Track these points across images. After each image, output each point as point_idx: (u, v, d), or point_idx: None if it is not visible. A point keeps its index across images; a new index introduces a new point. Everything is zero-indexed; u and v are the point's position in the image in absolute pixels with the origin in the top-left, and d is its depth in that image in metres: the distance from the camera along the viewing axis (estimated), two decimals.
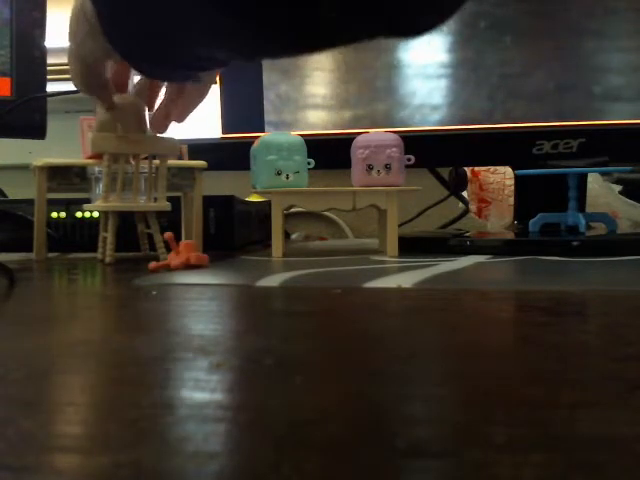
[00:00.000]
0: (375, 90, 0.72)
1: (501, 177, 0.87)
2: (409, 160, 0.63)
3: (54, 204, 0.74)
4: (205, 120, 0.76)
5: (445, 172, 0.91)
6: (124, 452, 0.14)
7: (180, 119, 0.55)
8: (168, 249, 0.54)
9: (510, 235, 0.72)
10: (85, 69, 0.48)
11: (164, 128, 0.56)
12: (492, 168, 0.88)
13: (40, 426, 0.15)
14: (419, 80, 0.70)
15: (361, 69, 0.72)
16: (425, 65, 0.70)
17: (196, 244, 0.52)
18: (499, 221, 0.87)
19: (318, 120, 0.73)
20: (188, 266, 0.51)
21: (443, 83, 0.70)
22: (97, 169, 0.62)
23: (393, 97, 0.71)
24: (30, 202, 0.69)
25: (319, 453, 0.13)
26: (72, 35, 0.46)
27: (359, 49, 0.71)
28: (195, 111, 0.55)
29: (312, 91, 0.73)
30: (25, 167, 0.70)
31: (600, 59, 0.67)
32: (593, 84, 0.67)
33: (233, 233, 0.76)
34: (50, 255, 0.68)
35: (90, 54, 0.46)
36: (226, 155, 0.76)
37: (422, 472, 0.13)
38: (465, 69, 0.70)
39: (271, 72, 0.73)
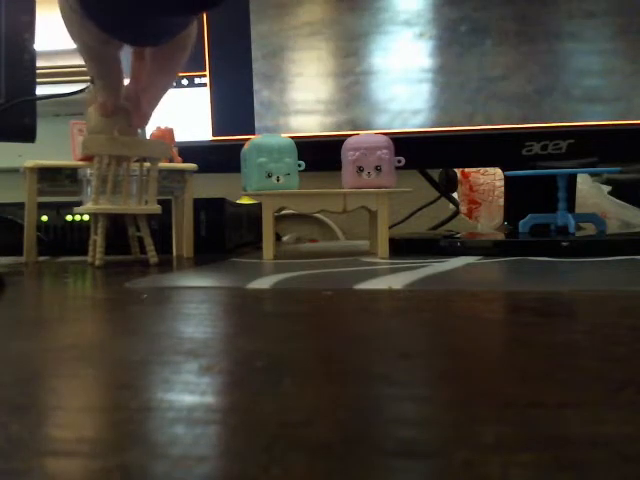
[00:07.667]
0: (367, 93, 0.72)
1: (491, 178, 0.88)
2: (399, 162, 0.63)
3: (45, 207, 0.73)
4: (196, 123, 0.76)
5: (435, 173, 0.91)
6: (113, 456, 0.14)
7: (150, 105, 0.56)
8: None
9: (500, 236, 0.72)
10: (91, 54, 0.50)
11: (144, 121, 0.57)
12: (482, 169, 0.88)
13: (29, 430, 0.15)
14: (416, 84, 0.71)
15: (352, 73, 0.72)
16: (428, 69, 0.70)
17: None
18: (489, 222, 0.88)
19: (308, 122, 0.73)
20: None
21: (438, 87, 0.70)
22: (88, 171, 0.61)
23: (384, 100, 0.71)
24: (19, 205, 0.69)
25: (309, 455, 0.13)
26: (69, 32, 0.48)
27: (356, 53, 0.71)
28: (164, 98, 0.56)
29: (302, 94, 0.73)
30: (15, 170, 0.70)
31: (579, 62, 0.68)
32: (572, 87, 0.68)
33: (224, 235, 0.76)
34: (40, 258, 0.67)
35: (89, 40, 0.48)
36: (217, 158, 0.76)
37: (411, 472, 0.13)
38: (446, 73, 0.70)
39: (262, 75, 0.73)
